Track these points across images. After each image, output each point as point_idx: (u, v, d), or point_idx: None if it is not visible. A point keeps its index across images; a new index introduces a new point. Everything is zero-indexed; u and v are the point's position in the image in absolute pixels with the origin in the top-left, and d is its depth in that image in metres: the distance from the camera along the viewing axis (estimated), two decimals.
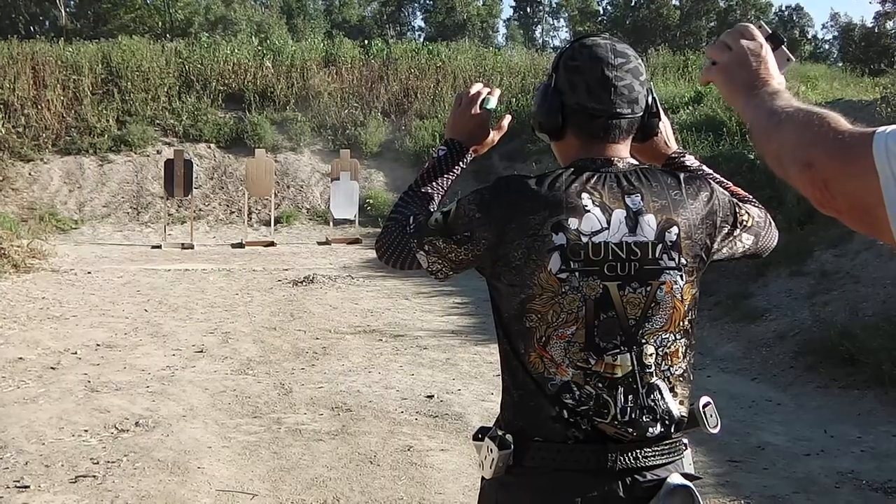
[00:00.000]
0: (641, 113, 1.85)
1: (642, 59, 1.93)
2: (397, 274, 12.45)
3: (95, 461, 4.81)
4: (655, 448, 1.72)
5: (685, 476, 1.73)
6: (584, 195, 1.73)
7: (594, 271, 1.70)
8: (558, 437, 1.71)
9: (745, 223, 1.92)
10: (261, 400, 6.12)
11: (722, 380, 6.93)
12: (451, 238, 1.80)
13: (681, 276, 1.74)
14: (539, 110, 1.88)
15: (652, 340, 1.72)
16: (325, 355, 7.52)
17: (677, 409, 1.74)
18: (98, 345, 7.69)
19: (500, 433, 1.77)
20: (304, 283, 11.42)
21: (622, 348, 1.70)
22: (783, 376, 6.96)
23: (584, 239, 1.70)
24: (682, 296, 1.75)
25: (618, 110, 1.80)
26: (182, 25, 43.88)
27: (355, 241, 16.31)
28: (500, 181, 1.84)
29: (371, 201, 18.27)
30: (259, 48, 22.39)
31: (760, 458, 5.14)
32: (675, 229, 1.75)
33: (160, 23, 43.99)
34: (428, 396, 6.28)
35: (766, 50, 1.55)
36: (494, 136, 2.16)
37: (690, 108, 14.67)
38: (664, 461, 1.74)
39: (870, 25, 54.34)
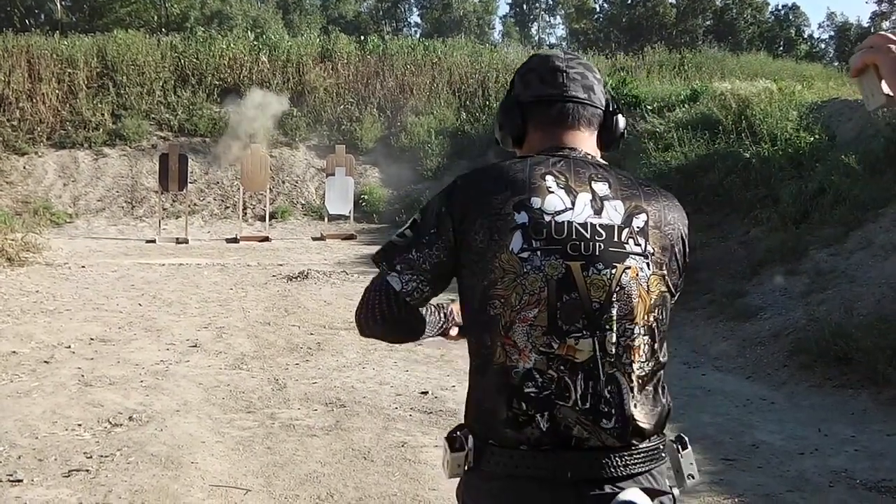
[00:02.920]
0: (601, 106, 1.88)
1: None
2: None
3: (89, 455, 4.80)
4: (619, 457, 1.65)
5: (647, 491, 1.64)
6: (549, 177, 1.73)
7: (556, 250, 1.66)
8: (510, 442, 1.66)
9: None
10: (255, 395, 6.12)
11: (716, 378, 6.94)
12: (422, 241, 1.75)
13: (647, 263, 1.70)
14: (499, 116, 1.95)
15: (615, 328, 1.65)
16: (319, 351, 7.52)
17: (633, 412, 1.65)
18: (92, 339, 7.67)
19: (458, 434, 1.75)
20: (298, 279, 11.41)
21: (584, 332, 1.64)
22: (777, 375, 6.96)
23: (547, 217, 1.68)
24: (647, 286, 1.69)
25: (573, 93, 1.84)
26: (178, 20, 43.77)
27: (350, 237, 16.30)
28: (461, 175, 1.83)
29: (366, 197, 18.28)
30: (255, 43, 22.38)
31: (754, 456, 5.14)
32: (643, 216, 1.73)
33: (156, 17, 43.86)
34: (422, 393, 6.27)
35: None
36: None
37: (686, 106, 14.66)
38: (630, 472, 1.65)
39: (866, 25, 54.53)
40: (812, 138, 10.92)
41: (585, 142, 1.84)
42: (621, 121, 1.91)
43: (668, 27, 55.56)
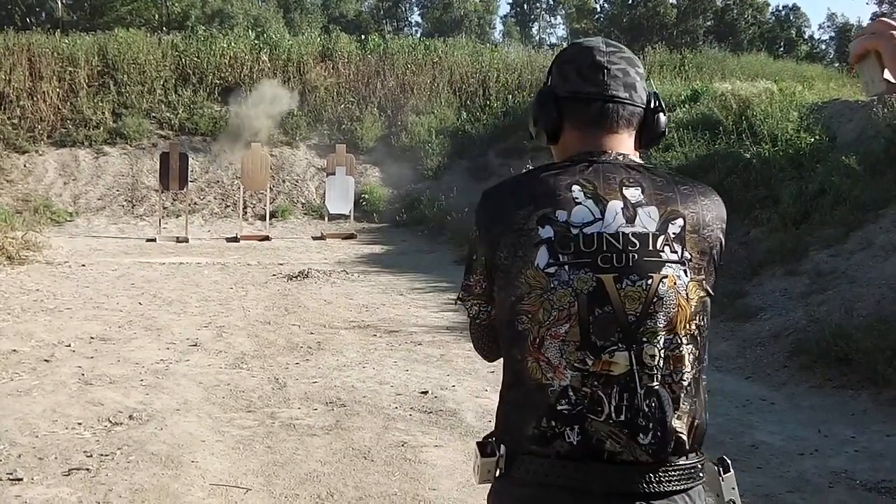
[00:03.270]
0: (642, 104, 1.76)
1: (639, 57, 1.84)
2: (392, 269, 12.47)
3: (89, 454, 4.80)
4: (653, 473, 1.59)
5: None
6: (576, 187, 1.65)
7: (586, 264, 1.60)
8: (538, 452, 1.63)
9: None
10: (255, 394, 6.12)
11: (716, 378, 6.93)
12: (469, 267, 1.78)
13: (684, 270, 1.62)
14: (533, 108, 1.80)
15: (654, 340, 1.59)
16: (319, 350, 7.51)
17: (675, 424, 1.60)
18: (92, 338, 7.67)
19: (491, 440, 1.72)
20: (298, 278, 11.41)
21: (620, 346, 1.58)
22: (777, 375, 6.96)
23: (575, 230, 1.62)
24: (686, 294, 1.62)
25: (613, 92, 1.72)
26: (179, 18, 43.81)
27: (350, 237, 16.30)
28: (486, 190, 1.78)
29: (366, 196, 18.28)
30: (256, 42, 22.39)
31: (754, 456, 5.14)
32: (679, 221, 1.64)
33: (157, 15, 43.90)
34: (422, 392, 6.27)
35: None
36: None
37: (687, 106, 14.68)
38: (664, 489, 1.60)
39: (866, 26, 54.51)
40: (812, 139, 10.92)
41: (623, 143, 1.74)
42: (662, 119, 1.80)
43: (668, 27, 55.56)
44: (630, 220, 1.62)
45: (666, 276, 1.61)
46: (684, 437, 1.61)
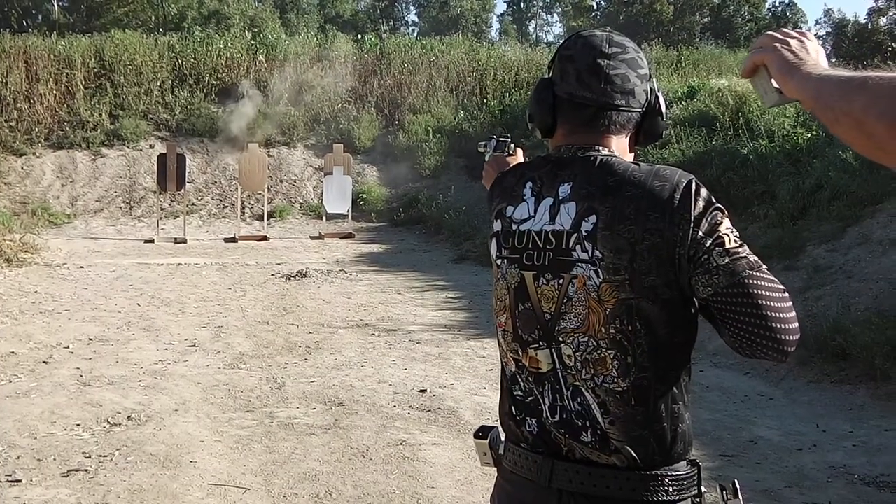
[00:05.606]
0: (640, 108, 1.70)
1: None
2: (390, 268, 12.47)
3: (87, 455, 4.80)
4: (610, 477, 1.57)
5: None
6: (529, 183, 1.70)
7: (516, 259, 1.67)
8: (513, 436, 1.71)
9: (722, 250, 1.55)
10: (253, 394, 6.12)
11: (714, 374, 6.94)
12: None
13: (595, 271, 1.55)
14: (530, 103, 1.77)
15: (569, 341, 1.59)
16: (317, 350, 7.52)
17: (609, 429, 1.56)
18: (90, 339, 7.67)
19: (495, 426, 1.80)
20: (296, 278, 11.41)
21: (541, 343, 1.62)
22: (775, 371, 6.96)
23: (514, 226, 1.69)
24: (598, 296, 1.55)
25: (608, 100, 1.66)
26: (175, 20, 43.79)
27: (348, 236, 16.30)
28: (498, 174, 1.89)
29: (364, 196, 18.25)
30: (252, 42, 22.33)
31: (753, 452, 5.15)
32: (593, 217, 1.57)
33: (153, 17, 43.90)
34: (420, 391, 6.27)
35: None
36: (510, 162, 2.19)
37: (684, 103, 14.68)
38: (620, 496, 1.56)
39: (863, 21, 54.49)
40: (809, 134, 10.93)
41: (612, 143, 1.68)
42: (660, 122, 1.73)
43: (665, 24, 55.55)
44: (552, 218, 1.64)
45: (575, 277, 1.59)
46: (620, 445, 1.57)
